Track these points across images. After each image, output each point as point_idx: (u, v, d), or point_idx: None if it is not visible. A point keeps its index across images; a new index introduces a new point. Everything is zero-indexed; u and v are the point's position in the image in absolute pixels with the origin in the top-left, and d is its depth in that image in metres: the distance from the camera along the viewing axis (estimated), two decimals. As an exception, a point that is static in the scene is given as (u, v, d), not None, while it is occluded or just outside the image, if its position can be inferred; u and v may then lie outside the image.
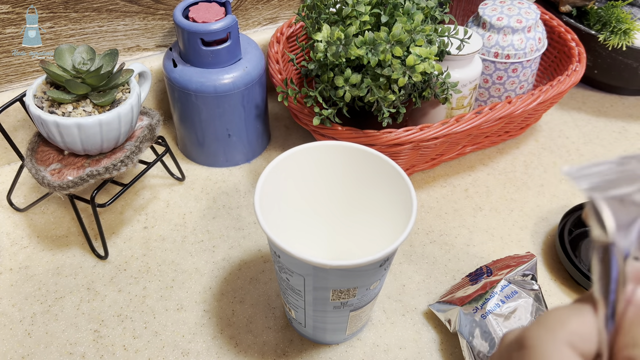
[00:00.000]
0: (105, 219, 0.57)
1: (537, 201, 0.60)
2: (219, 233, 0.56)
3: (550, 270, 0.53)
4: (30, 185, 0.60)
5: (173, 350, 0.46)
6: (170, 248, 0.54)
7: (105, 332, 0.47)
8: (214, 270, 0.52)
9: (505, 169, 0.64)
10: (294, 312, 0.43)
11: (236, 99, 0.57)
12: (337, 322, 0.42)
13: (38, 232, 0.55)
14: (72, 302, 0.49)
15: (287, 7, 0.69)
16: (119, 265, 0.52)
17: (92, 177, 0.48)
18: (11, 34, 0.55)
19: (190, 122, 0.60)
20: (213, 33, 0.53)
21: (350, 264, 0.34)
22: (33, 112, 0.46)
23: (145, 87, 0.55)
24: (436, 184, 0.62)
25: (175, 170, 0.61)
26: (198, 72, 0.56)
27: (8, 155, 0.62)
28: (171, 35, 0.64)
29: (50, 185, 0.47)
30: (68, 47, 0.48)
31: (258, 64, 0.58)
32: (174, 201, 0.59)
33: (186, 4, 0.56)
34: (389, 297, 0.50)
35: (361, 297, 0.40)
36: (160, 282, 0.51)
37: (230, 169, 0.63)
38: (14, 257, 0.53)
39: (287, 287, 0.40)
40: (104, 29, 0.60)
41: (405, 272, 0.52)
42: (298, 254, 0.34)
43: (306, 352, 0.46)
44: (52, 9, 0.56)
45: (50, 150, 0.50)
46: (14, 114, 0.58)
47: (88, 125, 0.46)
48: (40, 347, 0.46)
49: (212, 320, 0.48)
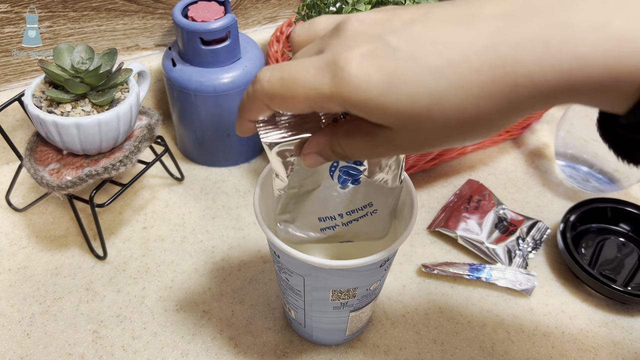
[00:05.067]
0: (104, 219, 0.56)
1: (538, 201, 0.60)
2: (219, 233, 0.56)
3: (551, 269, 0.53)
4: (29, 185, 0.60)
5: (172, 350, 0.46)
6: (169, 248, 0.54)
7: (104, 332, 0.47)
8: (214, 271, 0.52)
9: (506, 169, 0.64)
10: (293, 312, 0.43)
11: (236, 99, 0.57)
12: (337, 323, 0.42)
13: (37, 232, 0.55)
14: (71, 303, 0.49)
15: (286, 6, 0.69)
16: (118, 265, 0.52)
17: (91, 177, 0.47)
18: (10, 34, 0.55)
19: (190, 121, 0.59)
20: (212, 32, 0.53)
21: (350, 264, 0.34)
22: (32, 111, 0.46)
23: (144, 87, 0.55)
24: (437, 184, 0.62)
25: (175, 170, 0.61)
26: (197, 71, 0.55)
27: (7, 155, 0.62)
28: (170, 35, 0.64)
29: (49, 185, 0.47)
30: (67, 47, 0.47)
31: (258, 64, 0.58)
32: (173, 201, 0.59)
33: (185, 3, 0.55)
34: (389, 297, 0.50)
35: (361, 297, 0.39)
36: (160, 282, 0.51)
37: (230, 168, 0.63)
38: (12, 258, 0.53)
39: (287, 287, 0.40)
40: (103, 28, 0.60)
41: (406, 272, 0.52)
42: (297, 254, 0.34)
43: (306, 352, 0.46)
44: (50, 8, 0.55)
45: (49, 150, 0.50)
46: (13, 113, 0.58)
47: (87, 124, 0.45)
48: (39, 348, 0.46)
49: (212, 321, 0.48)
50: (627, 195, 0.61)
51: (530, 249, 0.54)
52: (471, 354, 0.46)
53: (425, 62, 0.21)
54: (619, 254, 0.53)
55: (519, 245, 0.54)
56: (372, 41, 0.22)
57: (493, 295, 0.51)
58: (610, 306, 0.50)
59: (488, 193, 0.59)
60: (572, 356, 0.46)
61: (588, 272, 0.49)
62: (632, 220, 0.55)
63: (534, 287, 0.50)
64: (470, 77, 0.21)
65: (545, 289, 0.51)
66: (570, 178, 0.62)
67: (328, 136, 0.27)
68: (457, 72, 0.21)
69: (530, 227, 0.55)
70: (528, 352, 0.46)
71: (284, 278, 0.39)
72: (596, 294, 0.51)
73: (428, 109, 0.21)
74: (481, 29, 0.21)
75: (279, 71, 0.24)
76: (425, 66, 0.21)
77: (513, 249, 0.53)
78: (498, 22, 0.21)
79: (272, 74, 0.24)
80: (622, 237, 0.55)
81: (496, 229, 0.55)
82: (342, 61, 0.22)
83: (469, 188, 0.60)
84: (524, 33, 0.20)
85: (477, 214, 0.56)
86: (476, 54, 0.20)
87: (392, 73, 0.21)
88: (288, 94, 0.24)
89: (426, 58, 0.21)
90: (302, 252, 0.34)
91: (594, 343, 0.47)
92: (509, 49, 0.20)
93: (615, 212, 0.55)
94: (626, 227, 0.55)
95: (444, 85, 0.21)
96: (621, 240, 0.55)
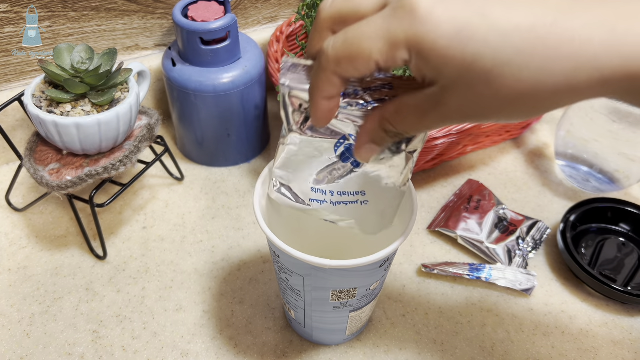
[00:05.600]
0: (104, 219, 0.56)
1: (538, 201, 0.60)
2: (219, 233, 0.56)
3: (551, 269, 0.53)
4: (29, 185, 0.60)
5: (172, 351, 0.46)
6: (169, 248, 0.54)
7: (104, 332, 0.47)
8: (214, 271, 0.52)
9: (506, 169, 0.64)
10: (293, 312, 0.43)
11: (235, 99, 0.57)
12: (337, 323, 0.42)
13: (37, 232, 0.55)
14: (71, 303, 0.49)
15: (286, 6, 0.69)
16: (118, 265, 0.52)
17: (91, 177, 0.47)
18: (10, 34, 0.55)
19: (190, 121, 0.59)
20: (212, 32, 0.53)
21: (350, 264, 0.34)
22: (31, 111, 0.46)
23: (144, 87, 0.55)
24: (437, 184, 0.62)
25: (175, 170, 0.61)
26: (197, 71, 0.55)
27: (6, 155, 0.62)
28: (170, 35, 0.64)
29: (49, 185, 0.47)
30: (67, 47, 0.47)
31: (257, 63, 0.58)
32: (173, 201, 0.59)
33: (185, 2, 0.55)
34: (389, 297, 0.50)
35: (361, 297, 0.39)
36: (160, 282, 0.51)
37: (230, 168, 0.63)
38: (12, 258, 0.53)
39: (287, 287, 0.40)
40: (103, 28, 0.60)
41: (406, 273, 0.52)
42: (297, 254, 0.34)
43: (306, 353, 0.46)
44: (50, 8, 0.55)
45: (48, 150, 0.50)
46: (13, 113, 0.58)
47: (87, 124, 0.45)
48: (39, 348, 0.46)
49: (212, 321, 0.48)
50: (627, 195, 0.61)
51: (530, 249, 0.54)
52: (471, 354, 0.46)
53: (496, 22, 0.21)
54: (619, 254, 0.53)
55: (519, 245, 0.54)
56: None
57: (493, 295, 0.51)
58: (610, 306, 0.50)
59: (488, 193, 0.59)
60: (572, 356, 0.46)
61: (588, 272, 0.49)
62: (632, 220, 0.55)
63: (534, 287, 0.50)
64: (536, 47, 0.20)
65: (545, 289, 0.51)
66: (571, 178, 0.62)
67: (376, 119, 0.27)
68: (525, 40, 0.20)
69: (530, 227, 0.55)
70: (528, 352, 0.46)
71: (284, 278, 0.39)
72: (596, 294, 0.51)
73: (488, 71, 0.21)
74: (548, 4, 0.21)
75: (342, 34, 0.24)
76: (494, 26, 0.21)
77: (513, 249, 0.53)
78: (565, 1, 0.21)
79: (335, 40, 0.24)
80: (622, 237, 0.55)
81: (496, 229, 0.55)
82: (414, 4, 0.22)
83: (469, 188, 0.60)
84: (593, 15, 0.20)
85: (477, 214, 0.56)
86: (544, 26, 0.20)
87: (462, 26, 0.21)
88: (354, 52, 0.23)
89: (497, 18, 0.21)
90: (302, 249, 0.34)
91: (594, 343, 0.47)
92: (577, 28, 0.20)
93: (615, 212, 0.55)
94: (626, 227, 0.55)
95: (509, 50, 0.21)
96: (621, 240, 0.55)
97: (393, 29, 0.22)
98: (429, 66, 0.22)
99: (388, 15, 0.23)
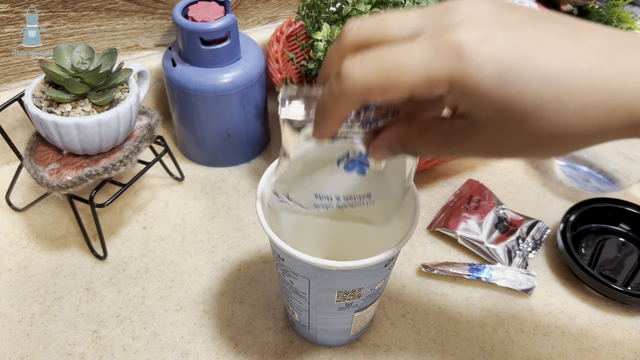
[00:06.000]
0: (104, 219, 0.56)
1: (538, 201, 0.60)
2: (219, 233, 0.56)
3: (551, 269, 0.53)
4: (29, 185, 0.60)
5: (172, 351, 0.46)
6: (169, 248, 0.54)
7: (104, 332, 0.47)
8: (214, 271, 0.52)
9: (506, 169, 0.64)
10: (297, 314, 0.43)
11: (235, 99, 0.57)
12: (342, 324, 0.42)
13: (37, 232, 0.55)
14: (71, 303, 0.49)
15: (286, 6, 0.69)
16: (118, 265, 0.52)
17: (91, 177, 0.47)
18: (10, 34, 0.55)
19: (190, 121, 0.59)
20: (212, 32, 0.53)
21: (357, 264, 0.34)
22: (32, 111, 0.46)
23: (144, 87, 0.55)
24: (437, 184, 0.62)
25: (175, 170, 0.61)
26: (197, 71, 0.55)
27: (7, 155, 0.62)
28: (170, 35, 0.64)
29: (49, 185, 0.47)
30: (67, 47, 0.47)
31: (258, 63, 0.58)
32: (173, 201, 0.59)
33: (185, 3, 0.55)
34: (389, 297, 0.50)
35: (366, 297, 0.39)
36: (160, 282, 0.51)
37: (230, 168, 0.63)
38: (12, 258, 0.53)
39: (291, 290, 0.40)
40: (103, 28, 0.60)
41: (406, 273, 0.52)
42: (304, 257, 0.34)
43: (306, 353, 0.46)
44: (50, 8, 0.55)
45: (49, 150, 0.50)
46: (13, 113, 0.58)
47: (87, 124, 0.45)
48: (39, 348, 0.46)
49: (212, 321, 0.48)
50: (627, 195, 0.61)
51: (530, 249, 0.54)
52: (471, 354, 0.46)
53: (538, 66, 0.21)
54: (619, 254, 0.53)
55: (519, 245, 0.54)
56: (488, 29, 0.22)
57: (493, 295, 0.51)
58: (610, 306, 0.50)
59: (488, 193, 0.59)
60: (572, 356, 0.46)
61: (588, 272, 0.49)
62: (632, 220, 0.55)
63: (534, 287, 0.50)
64: (573, 94, 0.21)
65: (545, 289, 0.51)
66: (570, 178, 0.62)
67: (400, 132, 0.27)
68: (563, 87, 0.21)
69: (530, 227, 0.55)
70: (528, 352, 0.46)
71: (288, 281, 0.39)
72: (596, 294, 0.51)
73: (525, 112, 0.21)
74: (586, 49, 0.21)
75: (374, 61, 0.23)
76: (537, 70, 0.21)
77: (513, 249, 0.53)
78: (602, 46, 0.21)
79: (364, 67, 0.23)
80: (622, 237, 0.55)
81: (496, 229, 0.55)
82: (460, 42, 0.21)
83: (469, 188, 0.60)
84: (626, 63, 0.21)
85: (477, 214, 0.56)
86: (582, 72, 0.21)
87: (507, 68, 0.21)
88: (390, 85, 0.23)
89: (539, 63, 0.21)
90: (303, 251, 0.34)
91: (594, 343, 0.47)
92: (612, 74, 0.21)
93: (615, 212, 0.55)
94: (626, 227, 0.55)
95: (548, 96, 0.21)
96: (621, 240, 0.55)
97: (436, 65, 0.22)
98: (468, 102, 0.22)
99: (429, 50, 0.22)
